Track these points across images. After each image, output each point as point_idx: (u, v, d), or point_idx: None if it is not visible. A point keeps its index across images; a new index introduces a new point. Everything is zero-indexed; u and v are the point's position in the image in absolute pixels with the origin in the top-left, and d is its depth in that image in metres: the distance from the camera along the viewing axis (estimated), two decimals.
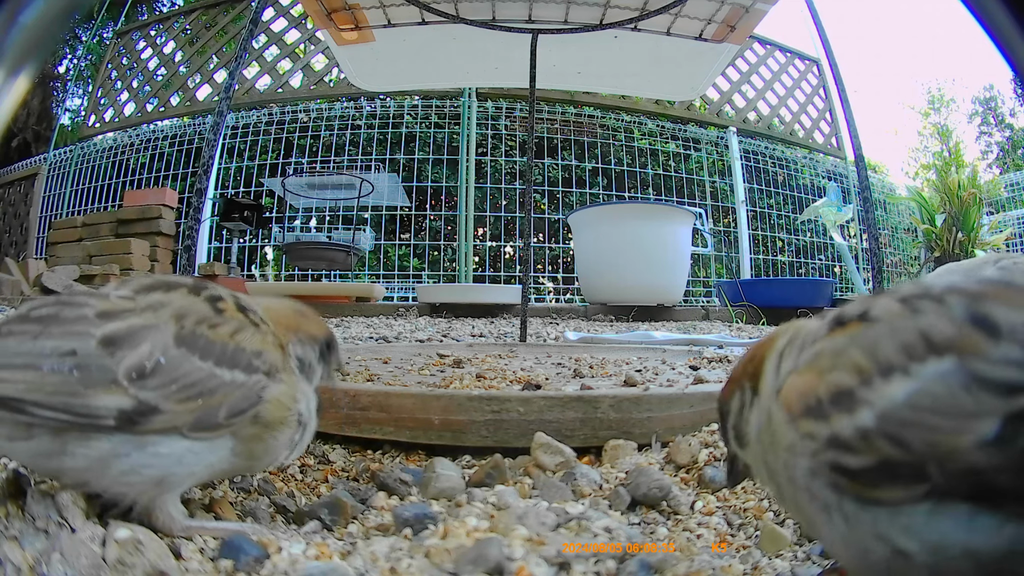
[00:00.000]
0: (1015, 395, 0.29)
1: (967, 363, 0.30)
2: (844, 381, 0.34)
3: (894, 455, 0.31)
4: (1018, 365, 0.30)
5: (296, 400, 0.54)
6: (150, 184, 6.35)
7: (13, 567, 0.41)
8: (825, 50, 2.39)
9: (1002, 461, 0.29)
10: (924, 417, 0.31)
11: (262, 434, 0.52)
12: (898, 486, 0.31)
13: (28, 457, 0.48)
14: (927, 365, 0.31)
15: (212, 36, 6.79)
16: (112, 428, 0.46)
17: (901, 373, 0.32)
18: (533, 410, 0.78)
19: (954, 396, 0.30)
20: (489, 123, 6.36)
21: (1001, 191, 7.72)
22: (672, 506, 0.64)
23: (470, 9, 2.21)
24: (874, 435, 0.32)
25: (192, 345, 0.48)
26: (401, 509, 0.58)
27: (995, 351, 0.30)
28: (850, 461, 0.33)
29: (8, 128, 2.57)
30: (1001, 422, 0.29)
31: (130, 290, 0.52)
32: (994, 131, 15.78)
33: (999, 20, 0.44)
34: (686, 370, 1.30)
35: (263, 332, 0.53)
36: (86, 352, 0.46)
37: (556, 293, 6.60)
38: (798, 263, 6.93)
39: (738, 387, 0.45)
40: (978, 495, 0.29)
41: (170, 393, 0.47)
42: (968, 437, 0.29)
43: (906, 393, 0.31)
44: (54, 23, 0.43)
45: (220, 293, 0.54)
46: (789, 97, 6.99)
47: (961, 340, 0.31)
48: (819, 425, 0.34)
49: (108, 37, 7.90)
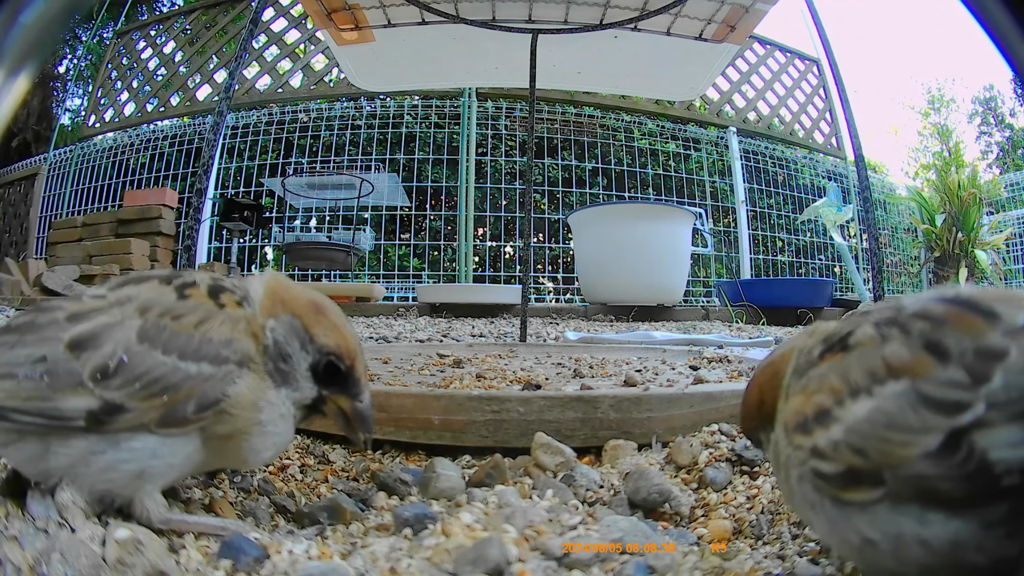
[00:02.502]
0: (956, 413, 0.33)
1: (917, 385, 0.35)
2: (824, 402, 0.39)
3: (857, 463, 0.36)
4: (960, 386, 0.33)
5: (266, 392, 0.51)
6: (150, 184, 6.35)
7: (13, 567, 0.41)
8: (825, 50, 2.39)
9: (943, 471, 0.33)
10: (879, 431, 0.35)
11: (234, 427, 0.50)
12: (861, 488, 0.36)
13: (20, 460, 0.49)
14: (886, 387, 0.36)
15: (212, 36, 6.80)
16: (83, 429, 0.46)
17: (866, 394, 0.37)
18: (533, 410, 0.78)
19: (904, 414, 0.35)
20: (489, 123, 6.36)
21: (1001, 191, 7.72)
22: (673, 507, 0.64)
23: (470, 9, 2.21)
24: (842, 446, 0.37)
25: (154, 340, 0.48)
26: (401, 509, 0.58)
27: (942, 374, 0.34)
28: (826, 468, 0.38)
29: (8, 128, 2.58)
30: (944, 437, 0.33)
31: (105, 288, 0.52)
32: (994, 131, 15.78)
33: (999, 20, 0.44)
34: (686, 370, 1.30)
35: (234, 318, 0.51)
36: (55, 357, 0.47)
37: (556, 293, 6.60)
38: (798, 263, 6.93)
39: (760, 427, 0.50)
40: (926, 497, 0.34)
41: (134, 391, 0.46)
42: (915, 449, 0.34)
43: (867, 411, 0.36)
44: (54, 23, 0.43)
45: (194, 279, 0.52)
46: (789, 97, 6.99)
47: (914, 364, 0.36)
48: (805, 438, 0.40)
49: (108, 37, 7.90)
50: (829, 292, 4.53)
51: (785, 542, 0.55)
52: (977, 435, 0.32)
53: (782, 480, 0.44)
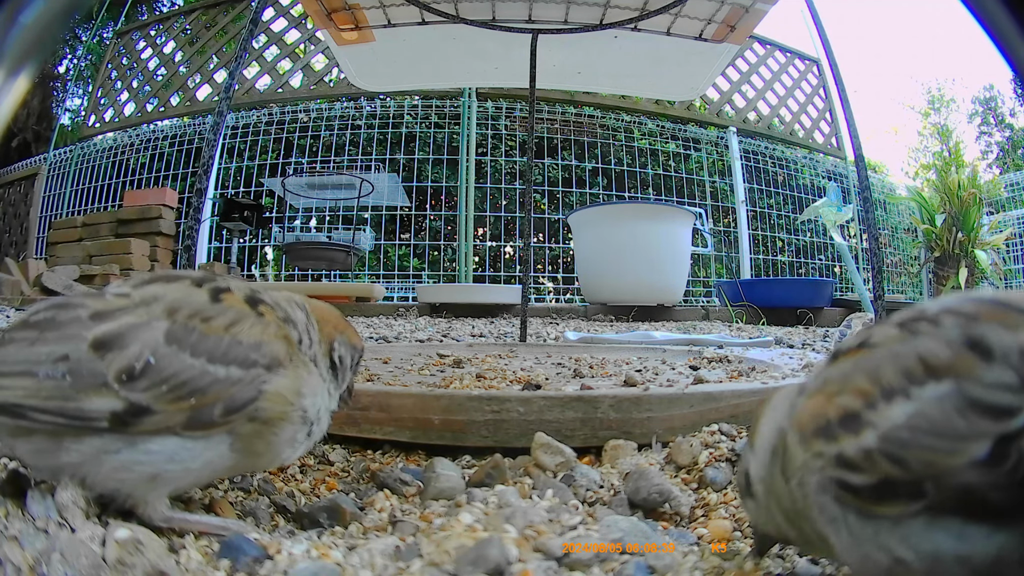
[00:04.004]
0: (1005, 418, 0.31)
1: (962, 386, 0.32)
2: (851, 404, 0.35)
3: (894, 474, 0.33)
4: (1009, 389, 0.31)
5: (301, 395, 0.52)
6: (150, 184, 6.35)
7: (13, 567, 0.41)
8: (825, 50, 2.38)
9: (993, 479, 0.30)
10: (922, 439, 0.32)
11: (262, 431, 0.50)
12: (898, 502, 0.33)
13: (28, 454, 0.48)
14: (926, 388, 0.33)
15: (212, 36, 6.80)
16: (105, 429, 0.46)
17: (902, 396, 0.34)
18: (533, 410, 0.78)
19: (949, 419, 0.32)
20: (489, 123, 6.36)
21: (1001, 191, 7.72)
22: (673, 507, 0.64)
23: (470, 9, 2.21)
24: (877, 455, 0.33)
25: (183, 342, 0.47)
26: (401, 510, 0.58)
27: (988, 374, 0.32)
28: (855, 479, 0.34)
29: (8, 128, 2.57)
30: (992, 443, 0.30)
31: (129, 286, 0.51)
32: (994, 131, 15.78)
33: (999, 20, 0.44)
34: (686, 370, 1.30)
35: (265, 323, 0.51)
36: (78, 356, 0.46)
37: (556, 293, 6.60)
38: (798, 263, 6.93)
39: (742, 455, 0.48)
40: (970, 509, 0.31)
41: (161, 394, 0.46)
42: (962, 458, 0.31)
43: (906, 415, 0.33)
44: (54, 23, 0.43)
45: (229, 284, 0.52)
46: (789, 97, 6.99)
47: (957, 363, 0.33)
48: (828, 445, 0.36)
49: (108, 37, 7.91)
50: (829, 292, 4.54)
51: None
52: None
53: (784, 488, 0.41)
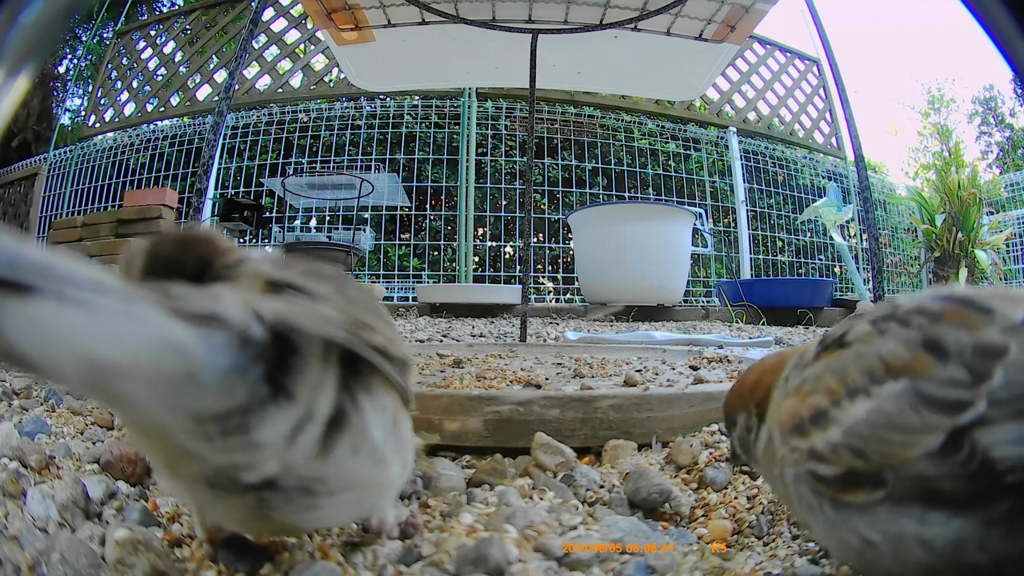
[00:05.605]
0: (957, 412, 0.33)
1: (917, 385, 0.35)
2: (820, 403, 0.39)
3: (857, 465, 0.36)
4: (961, 384, 0.33)
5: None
6: (150, 184, 6.34)
7: (13, 567, 0.41)
8: (825, 50, 2.39)
9: (947, 470, 0.33)
10: (880, 432, 0.35)
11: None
12: (862, 490, 0.36)
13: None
14: (884, 387, 0.36)
15: (212, 36, 6.79)
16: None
17: (864, 395, 0.37)
18: (533, 410, 0.78)
19: (904, 414, 0.35)
20: (489, 123, 6.36)
21: (1001, 191, 7.71)
22: (673, 507, 0.64)
23: (470, 9, 2.21)
24: (841, 448, 0.37)
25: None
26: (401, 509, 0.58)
27: (942, 372, 0.34)
28: (824, 470, 0.38)
29: (8, 128, 2.58)
30: (945, 436, 0.33)
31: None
32: (994, 131, 15.76)
33: (999, 20, 0.44)
34: (686, 370, 1.30)
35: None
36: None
37: (556, 293, 6.60)
38: (798, 263, 6.92)
39: (743, 409, 0.50)
40: (928, 497, 0.34)
41: None
42: (916, 449, 0.34)
43: (866, 412, 0.36)
44: (54, 23, 0.43)
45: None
46: (789, 97, 6.99)
47: (914, 364, 0.35)
48: (802, 440, 0.40)
49: (108, 37, 7.90)
50: (829, 292, 4.53)
51: (785, 542, 0.55)
52: (979, 433, 0.32)
53: (776, 479, 0.45)
